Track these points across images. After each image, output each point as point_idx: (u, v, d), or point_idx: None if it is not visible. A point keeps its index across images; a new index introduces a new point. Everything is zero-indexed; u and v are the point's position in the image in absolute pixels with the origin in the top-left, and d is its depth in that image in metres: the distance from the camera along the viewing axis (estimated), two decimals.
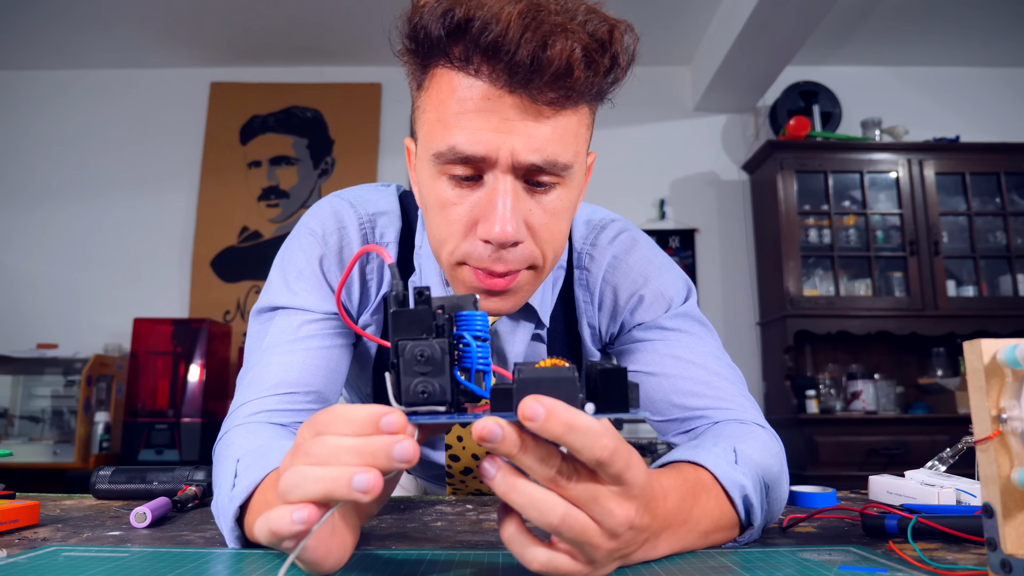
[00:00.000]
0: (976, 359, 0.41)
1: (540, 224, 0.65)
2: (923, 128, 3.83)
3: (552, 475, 0.41)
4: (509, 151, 0.61)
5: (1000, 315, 3.39)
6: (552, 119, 0.62)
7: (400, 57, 0.67)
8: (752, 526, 0.58)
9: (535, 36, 0.57)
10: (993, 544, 0.40)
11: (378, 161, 3.90)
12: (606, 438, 0.40)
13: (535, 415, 0.38)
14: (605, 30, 0.61)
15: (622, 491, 0.42)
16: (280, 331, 0.76)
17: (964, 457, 0.85)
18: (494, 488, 0.41)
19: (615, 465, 0.41)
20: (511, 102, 0.60)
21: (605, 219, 0.87)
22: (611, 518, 0.42)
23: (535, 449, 0.41)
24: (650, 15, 3.47)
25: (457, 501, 0.83)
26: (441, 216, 0.66)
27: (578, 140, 0.65)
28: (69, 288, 3.78)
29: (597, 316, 0.85)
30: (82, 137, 3.93)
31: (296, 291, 0.78)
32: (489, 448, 0.40)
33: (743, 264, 3.83)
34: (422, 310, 0.44)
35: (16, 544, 0.58)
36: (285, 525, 0.40)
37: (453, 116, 0.62)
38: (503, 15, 0.58)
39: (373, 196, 0.84)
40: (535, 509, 0.41)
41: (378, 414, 0.41)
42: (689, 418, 0.77)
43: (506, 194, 0.62)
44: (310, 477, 0.41)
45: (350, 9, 3.43)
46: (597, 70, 0.61)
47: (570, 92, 0.61)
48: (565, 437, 0.39)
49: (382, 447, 0.40)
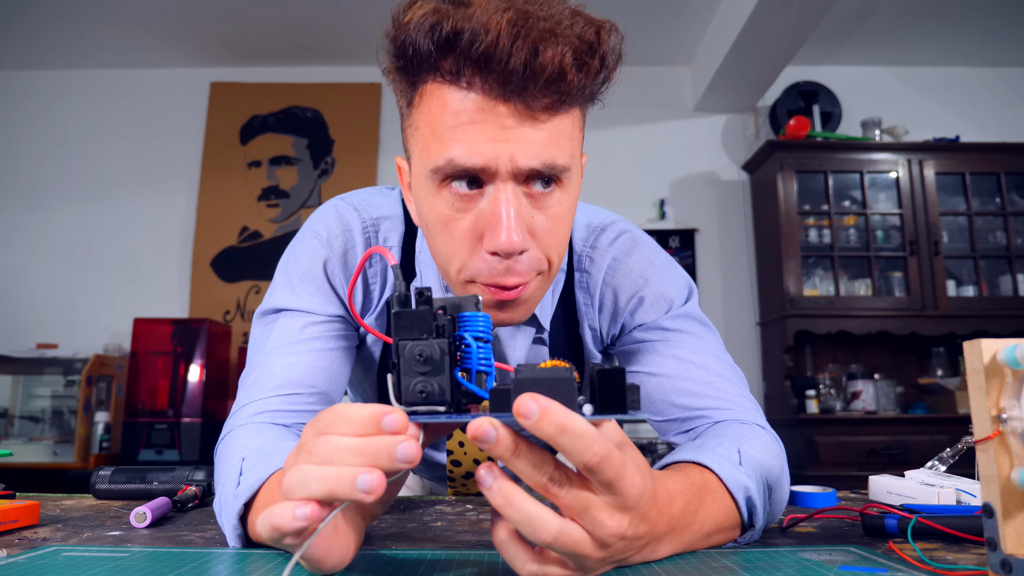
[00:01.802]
0: (976, 359, 0.41)
1: (544, 229, 0.65)
2: (923, 128, 3.83)
3: (544, 482, 0.41)
4: (508, 159, 0.60)
5: (1000, 315, 3.39)
6: (547, 123, 0.62)
7: (387, 75, 0.66)
8: (754, 527, 0.59)
9: (526, 44, 0.57)
10: (993, 544, 0.40)
11: (378, 161, 3.90)
12: (598, 444, 0.40)
13: (529, 413, 0.38)
14: (592, 32, 0.61)
15: (614, 501, 0.42)
16: (284, 332, 0.76)
17: (964, 457, 0.85)
18: (490, 499, 0.41)
19: (605, 472, 0.40)
20: (506, 111, 0.60)
21: (605, 221, 0.87)
22: (601, 529, 0.42)
23: (529, 454, 0.41)
24: (650, 15, 3.47)
25: (457, 501, 0.83)
26: (445, 233, 0.65)
27: (573, 142, 0.65)
28: (69, 288, 3.78)
29: (598, 318, 0.85)
30: (82, 137, 3.93)
31: (300, 294, 0.78)
32: (483, 448, 0.40)
33: (743, 264, 3.83)
34: (423, 311, 0.44)
35: (16, 544, 0.58)
36: (287, 521, 0.40)
37: (448, 130, 0.61)
38: (492, 25, 0.57)
39: (377, 200, 0.84)
40: (529, 526, 0.41)
41: (380, 414, 0.41)
42: (690, 418, 0.77)
43: (509, 203, 0.61)
44: (314, 476, 0.41)
45: (350, 9, 3.43)
46: (588, 72, 0.61)
47: (564, 96, 0.61)
48: (557, 438, 0.39)
49: (384, 447, 0.40)
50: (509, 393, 0.41)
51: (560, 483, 0.41)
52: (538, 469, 0.41)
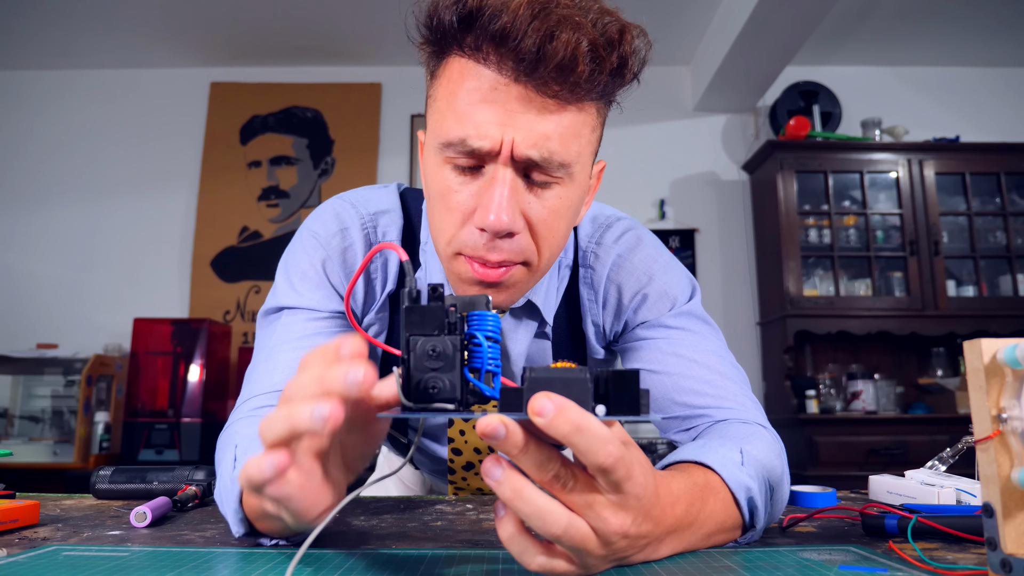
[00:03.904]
0: (976, 359, 0.41)
1: (538, 220, 0.66)
2: (923, 128, 3.83)
3: (550, 478, 0.41)
4: (510, 144, 0.62)
5: (1000, 315, 3.39)
6: (556, 115, 0.62)
7: (418, 48, 0.69)
8: (755, 528, 0.59)
9: (542, 26, 0.58)
10: (993, 544, 0.40)
11: (378, 161, 3.90)
12: (612, 445, 0.40)
13: (544, 411, 0.38)
14: (615, 29, 0.62)
15: (619, 500, 0.42)
16: (286, 329, 0.77)
17: (964, 457, 0.85)
18: (498, 492, 0.41)
19: (616, 473, 0.41)
20: (516, 92, 0.61)
21: (611, 217, 0.87)
22: (606, 526, 0.42)
23: (536, 452, 0.41)
24: (650, 15, 3.43)
25: (457, 501, 0.83)
26: (442, 204, 0.67)
27: (580, 140, 0.65)
28: (69, 288, 3.78)
29: (601, 314, 0.86)
30: (82, 137, 3.93)
31: (301, 292, 0.79)
32: (492, 445, 0.40)
33: (743, 264, 3.83)
34: (435, 307, 0.44)
35: (16, 544, 0.58)
36: (255, 471, 0.41)
37: (461, 106, 0.63)
38: (513, 4, 0.59)
39: (374, 195, 0.85)
40: (539, 519, 0.41)
41: (339, 343, 0.42)
42: (691, 416, 0.77)
43: (504, 184, 0.63)
44: (277, 417, 0.41)
45: (350, 9, 3.43)
46: (603, 67, 0.61)
47: (574, 87, 0.61)
48: (571, 437, 0.39)
49: (338, 375, 0.40)
50: (520, 392, 0.41)
51: (566, 480, 0.41)
52: (544, 466, 0.41)
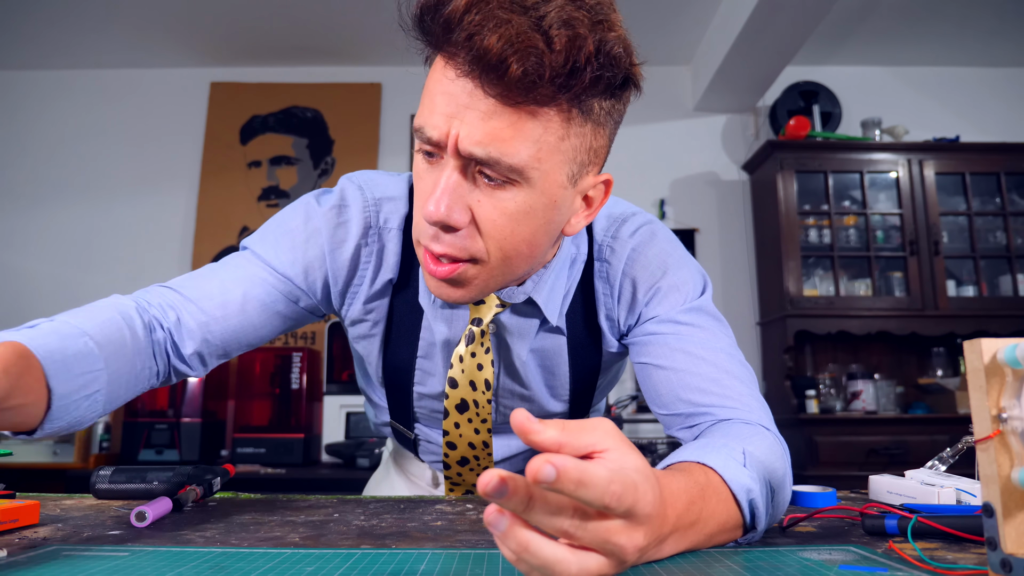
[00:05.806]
0: (976, 359, 0.41)
1: (487, 218, 0.65)
2: (923, 128, 3.82)
3: (564, 528, 0.40)
4: (455, 137, 0.62)
5: (1000, 315, 3.39)
6: (503, 116, 0.60)
7: (418, 40, 0.70)
8: (756, 528, 0.59)
9: (478, 19, 0.57)
10: (993, 544, 0.40)
11: (378, 161, 3.90)
12: (614, 484, 0.39)
13: (547, 478, 0.36)
14: (558, 20, 0.57)
15: (631, 521, 0.42)
16: (237, 266, 0.81)
17: (964, 457, 0.85)
18: (502, 548, 0.40)
19: (624, 504, 0.40)
20: (468, 88, 0.61)
21: (626, 212, 0.87)
22: (623, 552, 0.42)
23: (544, 505, 0.39)
24: (650, 15, 3.47)
25: (457, 501, 0.83)
26: (416, 191, 0.69)
27: (540, 147, 0.62)
28: (69, 288, 3.78)
29: (616, 308, 0.85)
30: (82, 137, 3.93)
31: (269, 244, 0.81)
32: (496, 503, 0.38)
33: (743, 264, 3.83)
34: None
35: (16, 544, 0.58)
36: None
37: (427, 96, 0.65)
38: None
39: (384, 181, 0.85)
40: (549, 570, 0.39)
41: None
42: (694, 414, 0.76)
43: (448, 177, 0.64)
44: None
45: (350, 9, 3.43)
46: (541, 70, 0.57)
47: (511, 88, 0.58)
48: (576, 493, 0.38)
49: None
50: None
51: (578, 526, 0.40)
52: (556, 516, 0.39)
